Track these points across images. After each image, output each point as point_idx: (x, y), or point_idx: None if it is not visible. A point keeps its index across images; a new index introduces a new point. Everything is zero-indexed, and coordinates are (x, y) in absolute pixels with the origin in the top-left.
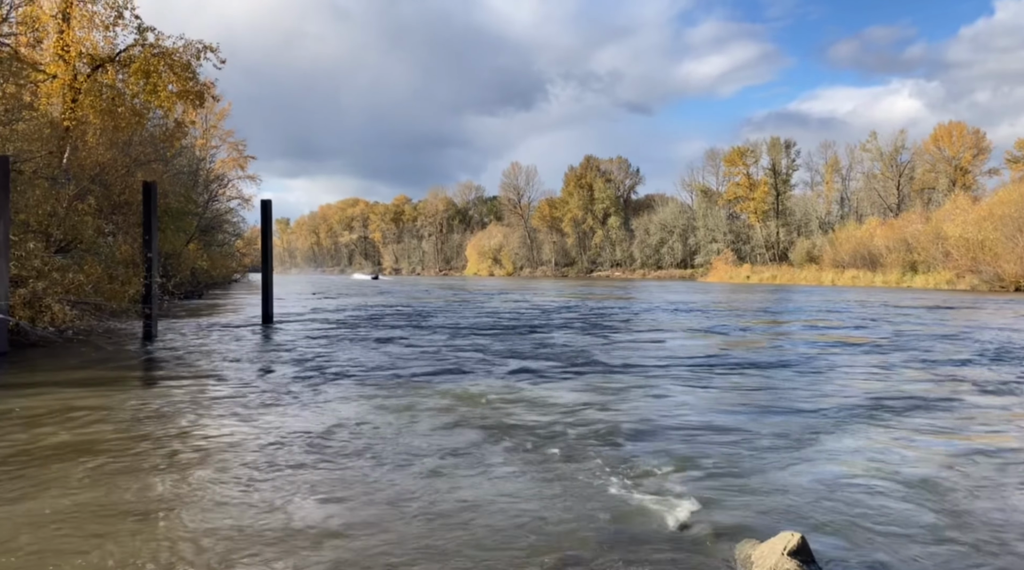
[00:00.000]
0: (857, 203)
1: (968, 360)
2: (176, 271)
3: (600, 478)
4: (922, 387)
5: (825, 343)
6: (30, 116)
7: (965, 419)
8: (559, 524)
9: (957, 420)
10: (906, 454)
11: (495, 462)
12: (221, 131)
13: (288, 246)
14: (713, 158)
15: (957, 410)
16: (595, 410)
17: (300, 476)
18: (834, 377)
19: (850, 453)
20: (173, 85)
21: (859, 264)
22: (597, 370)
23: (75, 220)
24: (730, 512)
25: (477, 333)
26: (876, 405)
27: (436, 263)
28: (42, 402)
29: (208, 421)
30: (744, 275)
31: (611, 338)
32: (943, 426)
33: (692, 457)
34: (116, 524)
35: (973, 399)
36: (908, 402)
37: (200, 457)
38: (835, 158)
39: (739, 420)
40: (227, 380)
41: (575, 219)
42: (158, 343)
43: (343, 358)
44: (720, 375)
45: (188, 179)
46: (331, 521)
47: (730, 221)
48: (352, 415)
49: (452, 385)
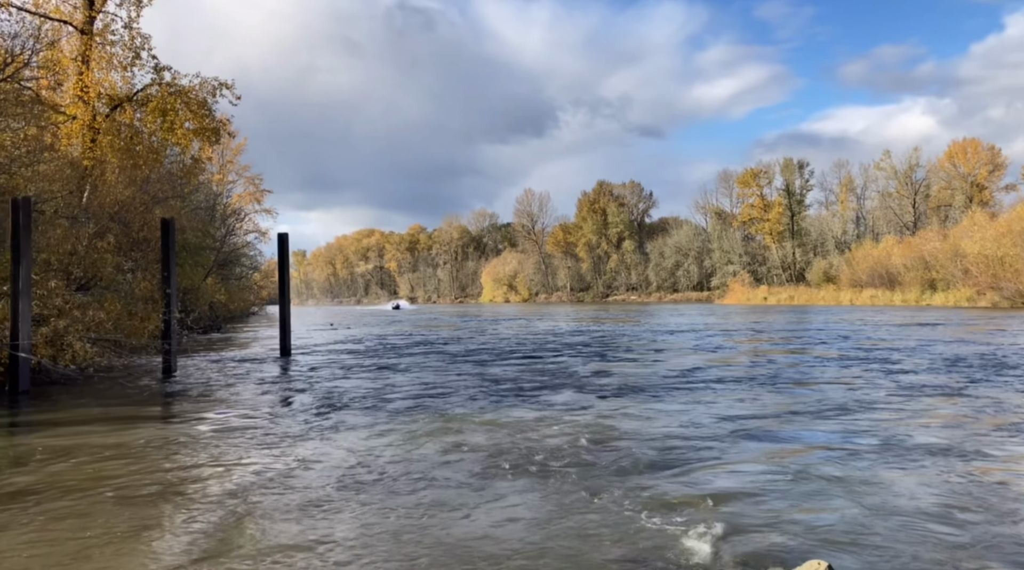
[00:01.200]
0: (873, 222)
1: (999, 380)
2: (195, 306)
3: (622, 505)
4: (957, 411)
5: (848, 364)
6: (51, 157)
7: (1005, 452)
8: (580, 552)
9: (999, 452)
10: (940, 483)
11: (515, 491)
12: (237, 166)
13: (305, 278)
14: (726, 180)
15: (998, 442)
16: (614, 436)
17: (320, 507)
18: (862, 401)
19: (881, 481)
20: (190, 122)
21: (877, 283)
22: (618, 395)
23: (95, 258)
24: (755, 539)
25: (494, 361)
26: (908, 432)
27: (452, 291)
28: (64, 439)
29: (228, 455)
30: (761, 296)
31: (630, 363)
32: (982, 455)
33: (716, 483)
34: (134, 558)
35: (1013, 429)
36: (946, 430)
37: (219, 491)
38: (849, 177)
39: (763, 446)
40: (246, 413)
41: (589, 244)
42: (177, 378)
43: (361, 389)
44: (743, 400)
45: (206, 214)
46: (350, 551)
47: (745, 242)
48: (371, 445)
49: (468, 413)
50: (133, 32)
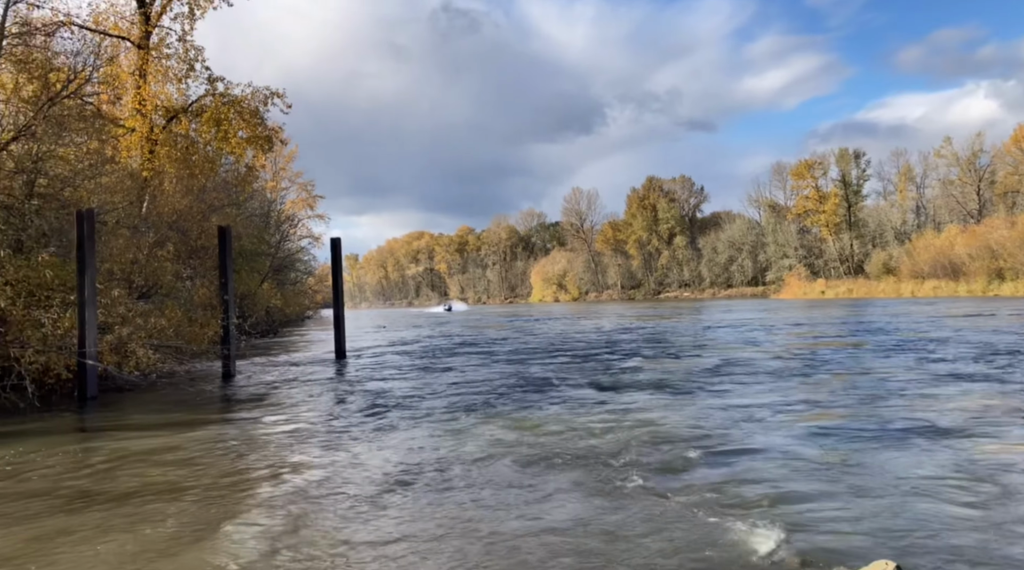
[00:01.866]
0: (934, 211)
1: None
2: (251, 311)
3: (683, 504)
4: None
5: (918, 357)
6: (112, 169)
7: None
8: (642, 552)
9: None
10: (1016, 481)
11: (574, 489)
12: (290, 173)
13: (358, 281)
14: (779, 172)
15: None
16: (674, 434)
17: (377, 505)
18: (932, 396)
19: (951, 478)
20: (243, 131)
21: (940, 274)
22: (669, 392)
23: (155, 266)
24: (822, 539)
25: (543, 361)
26: (981, 428)
27: (501, 291)
28: (130, 442)
29: (288, 455)
30: (819, 290)
31: (681, 360)
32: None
33: (778, 481)
34: (199, 556)
35: None
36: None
37: (281, 490)
38: (908, 166)
39: (827, 442)
40: (305, 416)
41: (640, 241)
42: (237, 382)
43: (413, 390)
44: (801, 396)
45: (260, 221)
46: (407, 547)
47: (801, 235)
48: (424, 445)
49: (525, 412)
50: (187, 45)
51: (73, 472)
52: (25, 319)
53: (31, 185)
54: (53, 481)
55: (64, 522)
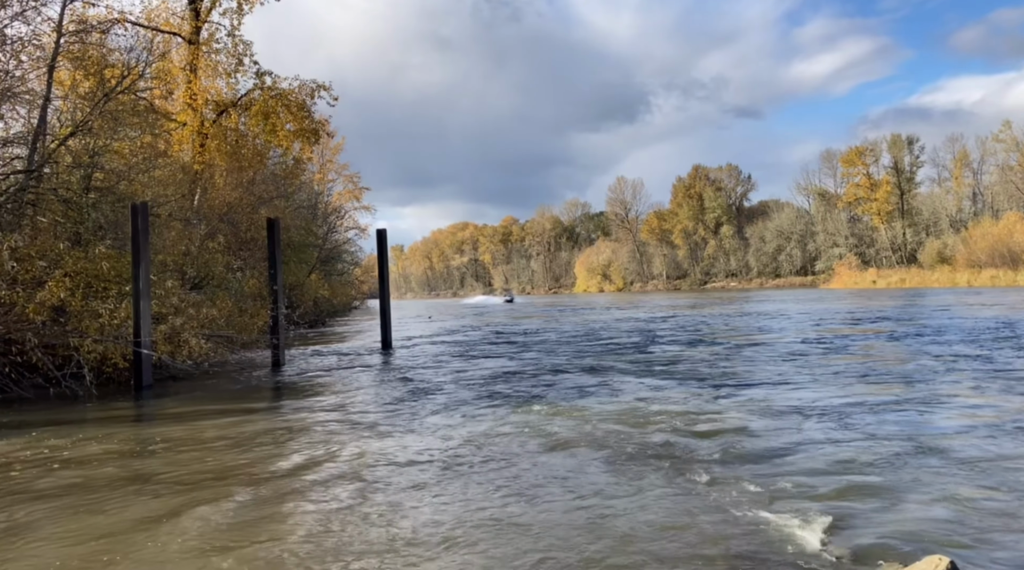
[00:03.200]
0: (992, 198)
1: None
2: (300, 301)
3: (730, 496)
4: None
5: (971, 349)
6: (165, 163)
7: None
8: (689, 543)
9: None
10: None
11: (619, 480)
12: (336, 165)
13: (403, 272)
14: (829, 159)
15: None
16: (719, 426)
17: (424, 492)
18: (985, 390)
19: (1006, 472)
20: (290, 124)
21: (998, 263)
22: (716, 385)
23: (206, 258)
24: (871, 533)
25: (588, 351)
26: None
27: (545, 282)
28: (185, 429)
29: (336, 442)
30: (870, 280)
31: (728, 350)
32: None
33: (828, 473)
34: (253, 540)
35: None
36: None
37: (329, 477)
38: (964, 151)
39: (879, 435)
40: (352, 404)
41: (685, 230)
42: (286, 371)
43: (458, 380)
44: (848, 388)
45: (308, 213)
46: (453, 535)
47: (851, 224)
48: (468, 435)
49: (569, 403)
50: (236, 40)
51: (130, 459)
52: (83, 310)
53: (88, 179)
54: (111, 467)
55: (121, 508)
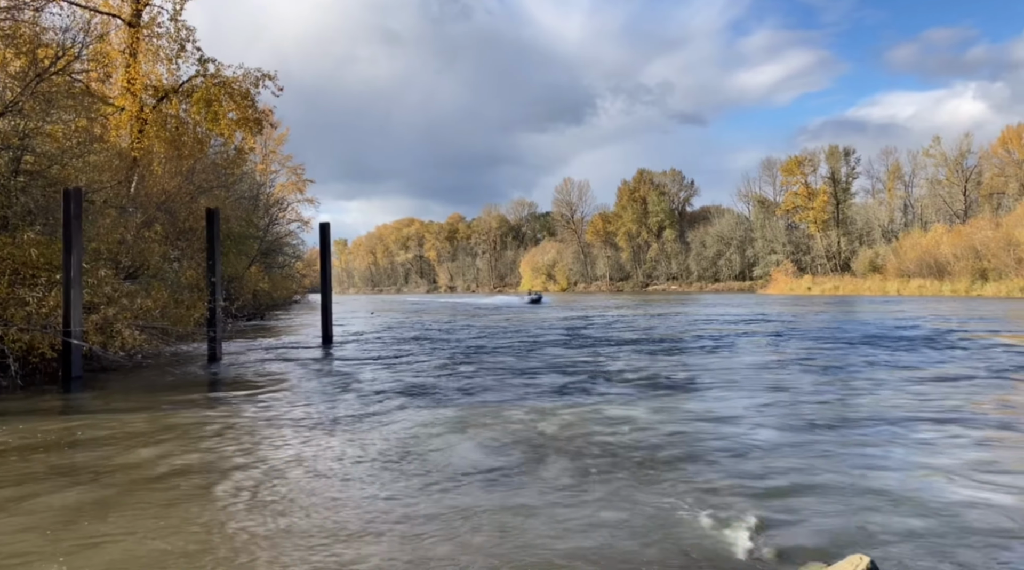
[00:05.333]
0: (921, 210)
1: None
2: (239, 294)
3: (660, 498)
4: (1000, 402)
5: (890, 354)
6: (100, 148)
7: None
8: (618, 545)
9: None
10: (987, 473)
11: (552, 482)
12: (280, 156)
13: (346, 267)
14: (770, 168)
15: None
16: (653, 428)
17: (359, 493)
18: (903, 391)
19: (925, 473)
20: (233, 113)
21: (925, 273)
22: (655, 386)
23: (142, 247)
24: (796, 533)
25: (530, 350)
26: (953, 422)
27: (491, 280)
28: (114, 422)
29: (270, 440)
30: (805, 286)
31: (669, 353)
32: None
33: (755, 475)
34: (179, 543)
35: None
36: (990, 419)
37: (260, 475)
38: (897, 165)
39: (803, 438)
40: (288, 400)
41: (629, 233)
42: (223, 365)
43: (400, 377)
44: (781, 393)
45: (249, 204)
46: (389, 540)
47: (789, 231)
48: (411, 434)
49: (502, 403)
50: (178, 24)
51: (52, 452)
52: (9, 297)
53: (17, 162)
54: (32, 461)
55: (36, 502)
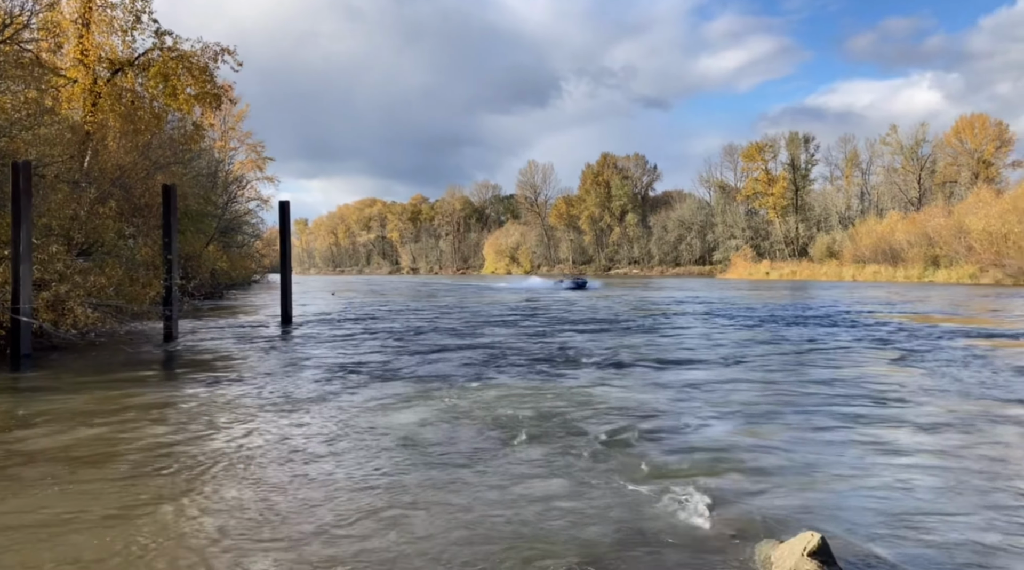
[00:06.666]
0: (877, 197)
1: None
2: (196, 273)
3: (618, 477)
4: (954, 385)
5: (849, 337)
6: (52, 121)
7: (996, 423)
8: (576, 524)
9: (991, 422)
10: (930, 452)
11: (511, 461)
12: (239, 133)
13: (307, 247)
14: (731, 153)
15: (992, 412)
16: (606, 407)
17: (319, 475)
18: (854, 373)
19: (874, 451)
20: (191, 88)
21: (880, 259)
22: (609, 368)
23: (96, 223)
24: (751, 511)
25: (491, 330)
26: (900, 403)
27: (454, 262)
28: (63, 402)
29: (225, 420)
30: (763, 271)
31: (628, 335)
32: (975, 428)
33: (712, 455)
34: (126, 525)
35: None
36: (931, 398)
37: (217, 458)
38: (854, 152)
39: (759, 417)
40: (246, 380)
41: (592, 217)
42: (178, 344)
43: (360, 358)
44: (738, 371)
45: (207, 181)
46: (347, 521)
47: (749, 217)
48: (369, 414)
49: (466, 382)
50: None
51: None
52: None
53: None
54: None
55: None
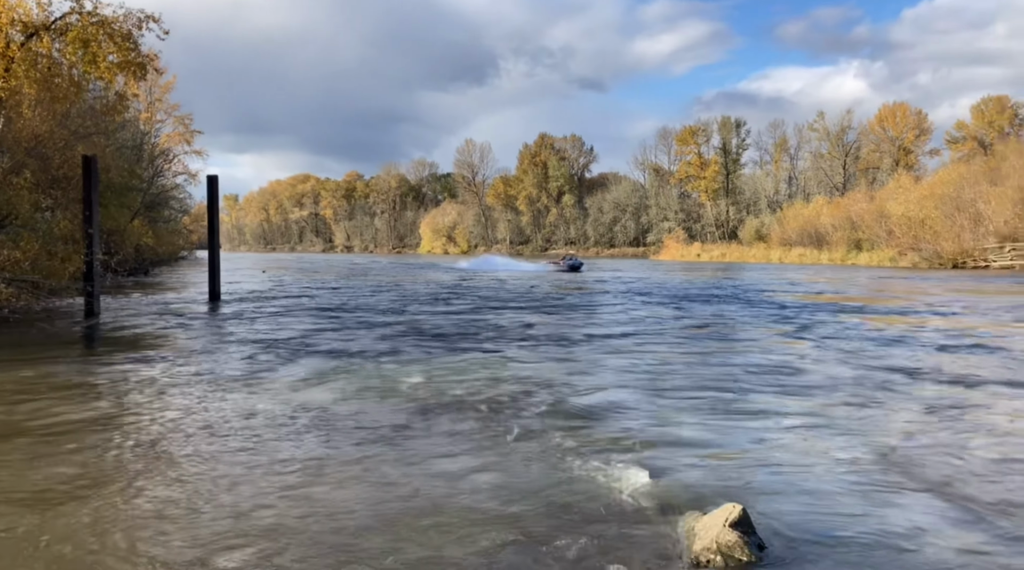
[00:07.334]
0: (805, 182)
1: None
2: (119, 248)
3: (548, 452)
4: (840, 356)
5: (760, 315)
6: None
7: (902, 392)
8: (506, 499)
9: (896, 394)
10: (848, 425)
11: (443, 438)
12: (166, 105)
13: (237, 223)
14: (665, 137)
15: (897, 385)
16: (536, 384)
17: (236, 452)
18: (769, 349)
19: (794, 425)
20: (114, 55)
21: (806, 242)
22: (541, 345)
23: (10, 194)
24: (678, 485)
25: (421, 309)
26: (818, 379)
27: (389, 241)
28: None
29: (146, 400)
30: (695, 253)
31: (562, 313)
32: (884, 400)
33: (640, 430)
34: (47, 507)
35: (907, 375)
36: (848, 377)
37: (133, 436)
38: (784, 138)
39: (686, 392)
40: (168, 358)
41: (530, 197)
42: (100, 321)
43: (287, 335)
44: (668, 348)
45: (132, 154)
46: (277, 501)
47: (682, 200)
48: (292, 392)
49: (390, 359)
50: None
51: None
52: None
53: None
54: None
55: None
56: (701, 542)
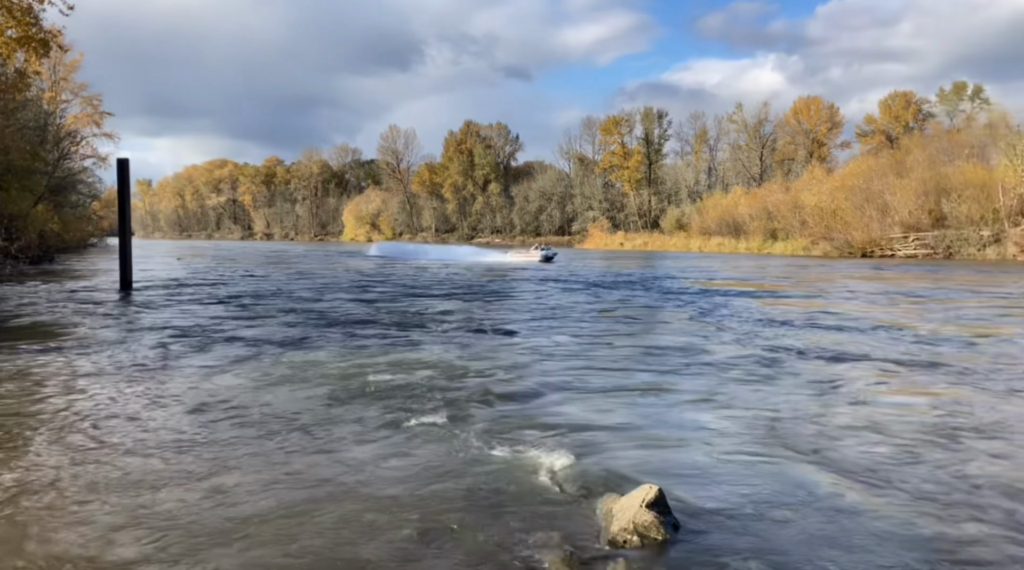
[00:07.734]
0: (724, 173)
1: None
2: (21, 234)
3: (471, 437)
4: (735, 337)
5: (676, 302)
6: None
7: (805, 373)
8: (429, 484)
9: (805, 374)
10: (746, 401)
11: (354, 425)
12: (73, 84)
13: (151, 209)
14: (590, 127)
15: (808, 365)
16: (464, 371)
17: (140, 441)
18: (677, 331)
19: (707, 407)
20: (12, 30)
21: (725, 232)
22: (467, 332)
23: None
24: (597, 467)
25: (338, 298)
26: (721, 358)
27: (311, 228)
28: None
29: (50, 390)
30: (618, 242)
31: (479, 301)
32: (773, 376)
33: (560, 414)
34: None
35: (814, 355)
36: (746, 356)
37: (35, 426)
38: (704, 129)
39: (597, 375)
40: (73, 348)
41: (455, 185)
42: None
43: (201, 324)
44: (581, 333)
45: (35, 134)
46: (175, 489)
47: (606, 189)
48: (200, 380)
49: (309, 348)
50: None
51: None
52: None
53: None
54: None
55: None
56: (618, 523)
